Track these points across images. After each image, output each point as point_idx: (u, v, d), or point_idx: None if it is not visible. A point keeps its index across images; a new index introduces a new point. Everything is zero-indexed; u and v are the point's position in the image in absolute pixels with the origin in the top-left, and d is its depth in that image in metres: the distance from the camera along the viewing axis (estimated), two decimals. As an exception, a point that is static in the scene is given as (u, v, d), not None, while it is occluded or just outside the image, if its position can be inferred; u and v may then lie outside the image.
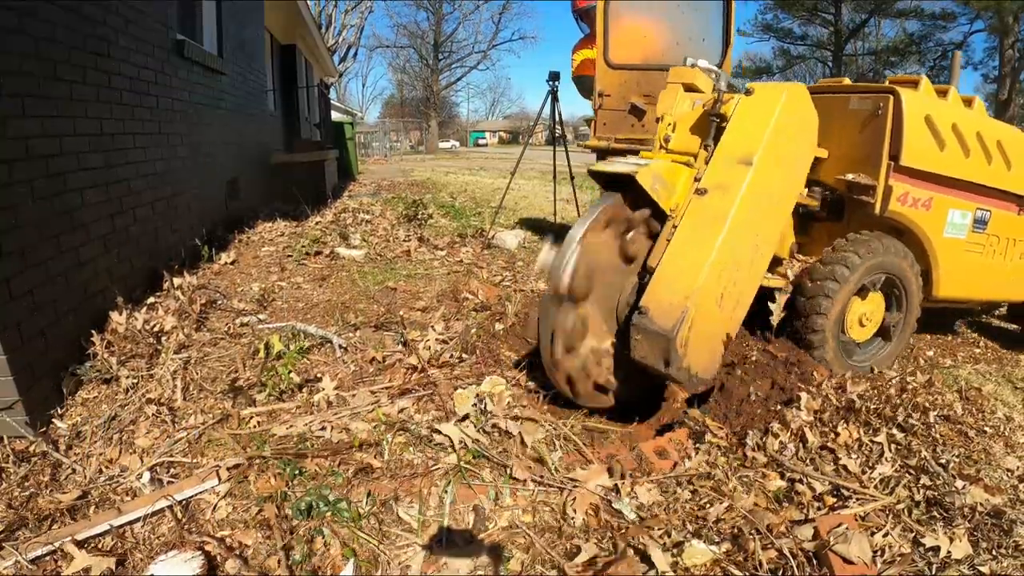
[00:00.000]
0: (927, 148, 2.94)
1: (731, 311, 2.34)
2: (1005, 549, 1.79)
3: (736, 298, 2.33)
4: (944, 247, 3.18)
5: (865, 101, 2.97)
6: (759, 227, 2.35)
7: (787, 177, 2.49)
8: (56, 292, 2.53)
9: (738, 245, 2.29)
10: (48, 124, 2.55)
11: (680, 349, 2.15)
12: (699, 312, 2.19)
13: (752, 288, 2.45)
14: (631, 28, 3.37)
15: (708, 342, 2.28)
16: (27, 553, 1.72)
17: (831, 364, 2.90)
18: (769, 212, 2.40)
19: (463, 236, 6.26)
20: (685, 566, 1.71)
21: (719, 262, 2.20)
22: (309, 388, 2.61)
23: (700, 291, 2.17)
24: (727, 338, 2.40)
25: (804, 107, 2.56)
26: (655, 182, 2.39)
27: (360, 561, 1.75)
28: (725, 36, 3.14)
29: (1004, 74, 23.75)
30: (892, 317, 3.14)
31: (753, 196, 2.30)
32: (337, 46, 28.36)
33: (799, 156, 2.57)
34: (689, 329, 2.16)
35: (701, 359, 2.25)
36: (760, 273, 2.49)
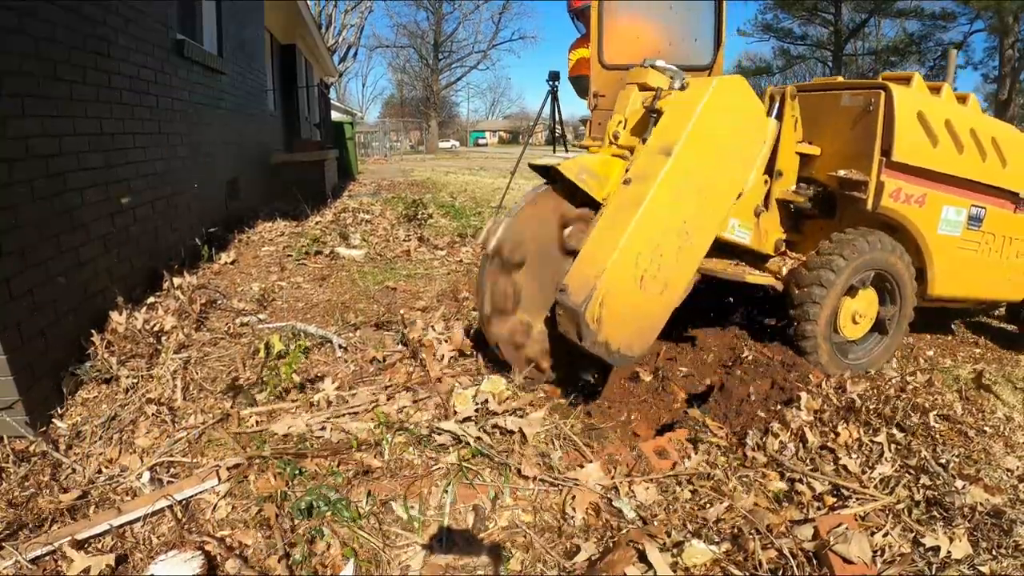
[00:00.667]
0: (920, 144, 2.94)
1: (658, 294, 2.40)
2: (1005, 549, 1.79)
3: (664, 282, 2.39)
4: (938, 244, 3.17)
5: (857, 97, 2.98)
6: (684, 214, 2.39)
7: (719, 167, 2.49)
8: (56, 292, 2.53)
9: (657, 231, 2.34)
10: (48, 124, 2.55)
11: (592, 324, 2.23)
12: (612, 291, 2.26)
13: (684, 274, 2.50)
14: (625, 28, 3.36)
15: (631, 321, 2.34)
16: (27, 553, 1.72)
17: (826, 367, 2.90)
18: (697, 200, 2.43)
19: (463, 236, 6.26)
20: (685, 566, 1.71)
21: (632, 245, 2.27)
22: (309, 388, 2.61)
23: (611, 271, 2.24)
24: (658, 320, 2.47)
25: (737, 97, 2.54)
26: (581, 172, 2.49)
27: (360, 561, 1.75)
28: (716, 36, 3.14)
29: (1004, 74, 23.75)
30: (886, 311, 3.13)
31: (672, 184, 2.34)
32: (337, 46, 28.36)
33: (735, 146, 2.56)
34: (600, 306, 2.23)
35: (622, 336, 2.32)
36: (694, 259, 2.53)
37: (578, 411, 2.74)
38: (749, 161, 2.69)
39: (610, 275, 2.24)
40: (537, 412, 2.42)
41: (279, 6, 9.41)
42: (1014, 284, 3.63)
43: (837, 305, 2.92)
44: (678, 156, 2.34)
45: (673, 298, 2.48)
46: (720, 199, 2.55)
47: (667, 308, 2.48)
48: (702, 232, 2.49)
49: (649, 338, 2.46)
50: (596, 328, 2.24)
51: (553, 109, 6.09)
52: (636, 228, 2.27)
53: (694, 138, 2.39)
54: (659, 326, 2.49)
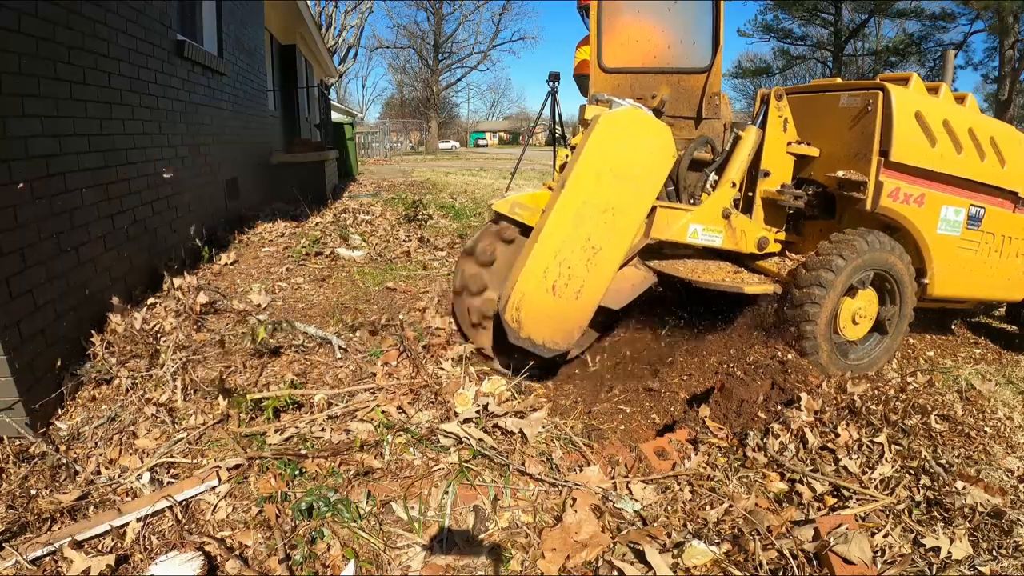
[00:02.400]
0: (918, 144, 2.95)
1: (573, 298, 2.81)
2: (1005, 549, 1.79)
3: (577, 289, 2.81)
4: (938, 244, 3.17)
5: (855, 98, 3.00)
6: (586, 232, 2.76)
7: (618, 189, 2.78)
8: (56, 292, 2.53)
9: (560, 248, 2.74)
10: (48, 124, 2.54)
11: (512, 324, 2.75)
12: (525, 298, 2.74)
13: (598, 280, 2.86)
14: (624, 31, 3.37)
15: (549, 322, 2.80)
16: (27, 554, 1.72)
17: (827, 368, 2.90)
18: (601, 219, 2.77)
19: (463, 237, 6.25)
20: (685, 566, 1.71)
21: (537, 263, 2.72)
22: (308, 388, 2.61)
23: (520, 283, 2.72)
24: (578, 319, 2.88)
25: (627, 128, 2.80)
26: (514, 207, 3.05)
27: (361, 562, 1.75)
28: (715, 38, 3.15)
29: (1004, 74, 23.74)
30: (886, 311, 3.13)
31: (567, 210, 2.73)
32: (337, 46, 28.36)
33: (634, 169, 2.80)
34: (516, 310, 2.74)
35: (543, 333, 2.81)
36: (607, 268, 2.87)
37: (578, 412, 2.74)
38: (654, 180, 2.89)
39: (520, 286, 2.72)
40: (538, 413, 2.42)
41: (279, 6, 9.41)
42: (1014, 284, 3.63)
43: (837, 306, 2.92)
44: (568, 187, 2.72)
45: (590, 301, 2.87)
46: (627, 216, 2.84)
47: (585, 310, 2.89)
48: (611, 245, 2.83)
49: (572, 334, 2.89)
50: (517, 327, 2.76)
51: (553, 110, 6.09)
52: (539, 249, 2.72)
53: (584, 169, 2.73)
54: (581, 324, 2.91)
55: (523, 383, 2.85)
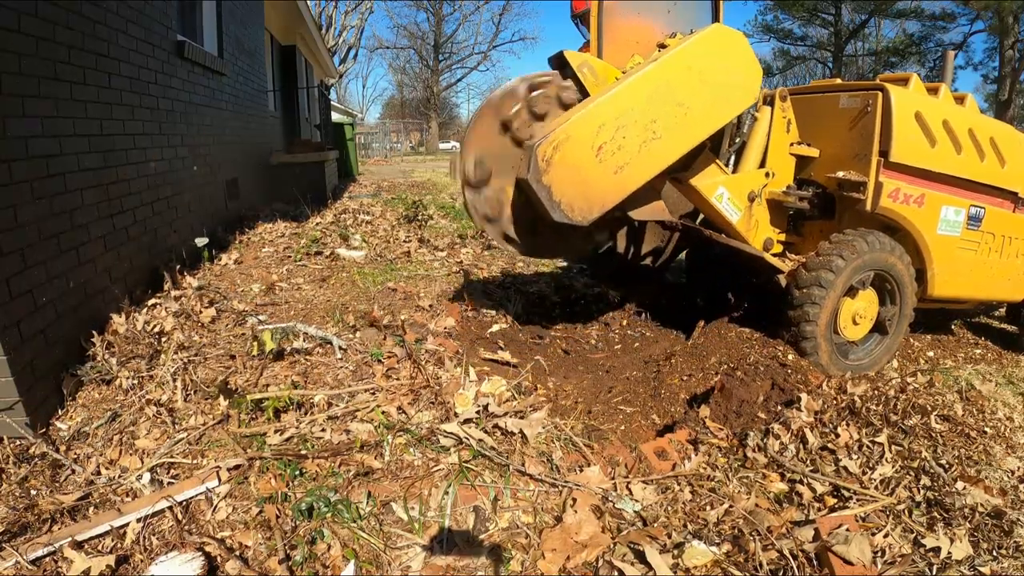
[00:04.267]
0: (917, 144, 2.96)
1: (612, 172, 2.58)
2: (1005, 550, 1.79)
3: (620, 164, 2.58)
4: (938, 244, 3.18)
5: (854, 99, 3.01)
6: (655, 115, 2.59)
7: (699, 93, 2.67)
8: (56, 292, 2.53)
9: (625, 113, 2.54)
10: (48, 124, 2.54)
11: (541, 162, 2.46)
12: (568, 142, 2.47)
13: (643, 167, 2.65)
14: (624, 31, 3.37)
15: (579, 182, 2.55)
16: (28, 554, 1.72)
17: (827, 368, 2.91)
18: (673, 111, 2.63)
19: (463, 237, 6.25)
20: (685, 567, 1.71)
21: (598, 114, 2.50)
22: (309, 388, 2.61)
23: (573, 124, 2.47)
24: (606, 196, 2.63)
25: (731, 44, 2.75)
26: (583, 65, 2.77)
27: (361, 562, 1.75)
28: None
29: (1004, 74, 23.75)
30: (887, 311, 3.14)
31: (649, 83, 2.57)
32: (337, 47, 28.36)
33: (719, 83, 2.72)
34: (553, 149, 2.46)
35: (566, 190, 2.53)
36: (656, 162, 2.67)
37: (578, 412, 2.74)
38: (730, 105, 2.81)
39: (570, 127, 2.46)
40: (538, 413, 2.42)
41: (279, 7, 9.41)
42: (1014, 284, 3.63)
43: (837, 306, 2.92)
44: (662, 63, 2.59)
45: (626, 184, 2.64)
46: (694, 122, 2.70)
47: (617, 190, 2.64)
48: (671, 140, 2.66)
49: (592, 209, 2.61)
50: (544, 167, 2.46)
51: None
52: (605, 102, 2.51)
53: (680, 58, 2.62)
54: (605, 204, 2.64)
55: (523, 383, 2.85)
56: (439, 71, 41.14)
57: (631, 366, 3.46)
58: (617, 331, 4.02)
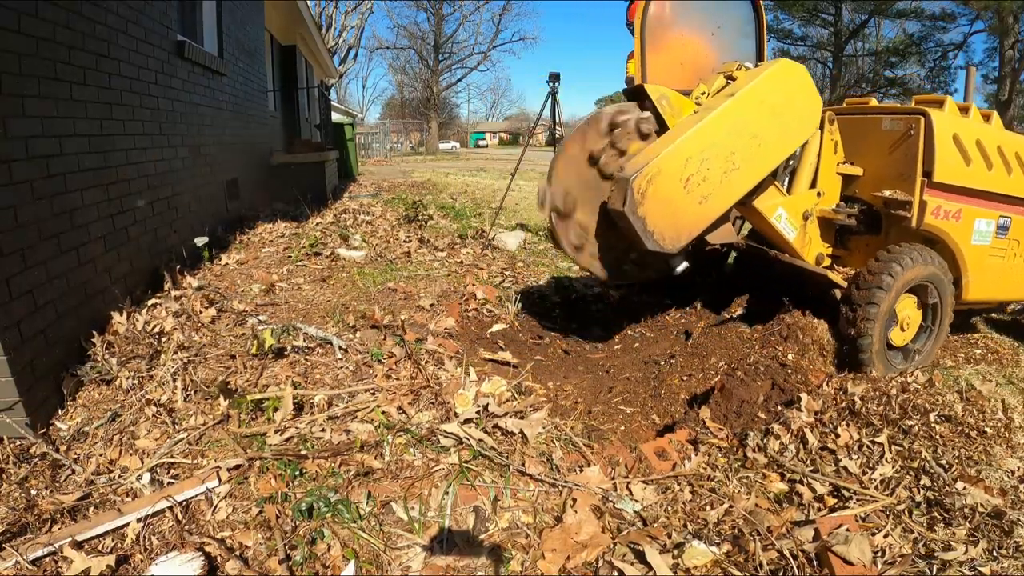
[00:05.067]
0: (955, 164, 3.15)
1: (697, 202, 2.72)
2: (1006, 550, 1.79)
3: (704, 193, 2.72)
4: (972, 254, 3.39)
5: (897, 122, 3.20)
6: (734, 147, 2.74)
7: (770, 125, 2.83)
8: (56, 292, 2.53)
9: (709, 147, 2.68)
10: (48, 124, 2.54)
11: (636, 195, 2.57)
12: (660, 175, 2.60)
13: (724, 196, 2.80)
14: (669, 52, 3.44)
15: (669, 212, 2.67)
16: (28, 554, 1.72)
17: (877, 368, 3.08)
18: (748, 143, 2.78)
19: (463, 237, 6.26)
20: (685, 567, 1.71)
21: (686, 148, 2.63)
22: (309, 388, 2.61)
23: (664, 158, 2.59)
24: (693, 224, 2.78)
25: (796, 78, 2.93)
26: (662, 98, 2.90)
27: (361, 562, 1.75)
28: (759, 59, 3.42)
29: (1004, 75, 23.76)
30: (929, 319, 3.36)
31: (729, 118, 2.72)
32: (337, 47, 28.37)
33: (787, 115, 2.89)
34: (648, 182, 2.57)
35: (658, 221, 2.66)
36: (734, 191, 2.83)
37: (578, 412, 2.74)
38: (796, 134, 2.99)
39: (662, 161, 2.58)
40: (538, 413, 2.42)
41: (279, 7, 9.41)
42: None
43: (889, 314, 3.12)
44: (739, 98, 2.74)
45: (710, 213, 2.78)
46: (767, 152, 2.86)
47: (702, 219, 2.79)
48: (747, 170, 2.81)
49: (680, 237, 2.75)
50: (639, 199, 2.57)
51: (553, 110, 6.08)
52: (692, 136, 2.64)
53: (754, 92, 2.78)
54: (692, 232, 2.78)
55: (523, 384, 2.85)
56: (439, 71, 41.16)
57: (631, 366, 3.46)
58: (617, 331, 4.02)
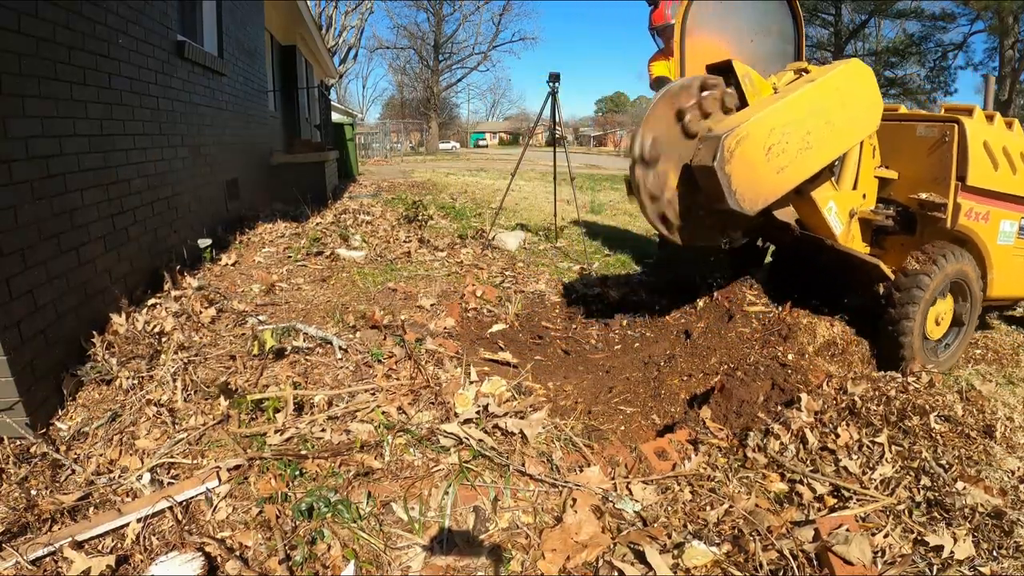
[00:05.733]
0: (986, 169, 3.36)
1: (775, 171, 2.84)
2: (1006, 550, 1.79)
3: (782, 164, 2.84)
4: (998, 253, 3.60)
5: (931, 129, 3.41)
6: (809, 127, 2.88)
7: (839, 114, 2.99)
8: (56, 292, 2.53)
9: (789, 122, 2.82)
10: (48, 124, 2.54)
11: (726, 152, 2.66)
12: (748, 138, 2.71)
13: (797, 171, 2.93)
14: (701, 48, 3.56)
15: (751, 175, 2.78)
16: (28, 554, 1.72)
17: (917, 360, 3.23)
18: (822, 126, 2.93)
19: (463, 237, 6.26)
20: (685, 567, 1.71)
21: (771, 118, 2.77)
22: (309, 389, 2.61)
23: (753, 123, 2.72)
24: (769, 191, 2.89)
25: (865, 77, 3.11)
26: (746, 75, 3.05)
27: (361, 562, 1.75)
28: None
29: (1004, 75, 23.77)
30: (960, 310, 3.56)
31: (808, 100, 2.88)
32: (337, 47, 28.37)
33: (853, 109, 3.05)
34: (736, 143, 2.68)
35: (741, 181, 2.74)
36: (805, 168, 2.95)
37: (578, 412, 2.74)
38: (862, 127, 3.15)
39: (751, 125, 2.72)
40: (538, 413, 2.42)
41: (279, 7, 9.41)
42: None
43: (926, 312, 3.29)
44: (818, 84, 2.93)
45: (785, 184, 2.93)
46: (837, 138, 3.03)
47: (777, 188, 2.92)
48: (818, 151, 2.96)
49: (757, 201, 2.87)
50: (728, 157, 2.67)
51: (553, 110, 6.08)
52: (778, 108, 2.80)
53: (830, 82, 2.96)
54: (768, 198, 2.91)
55: (523, 384, 2.85)
56: (439, 71, 41.16)
57: (631, 366, 3.46)
58: (617, 331, 4.02)
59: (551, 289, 4.73)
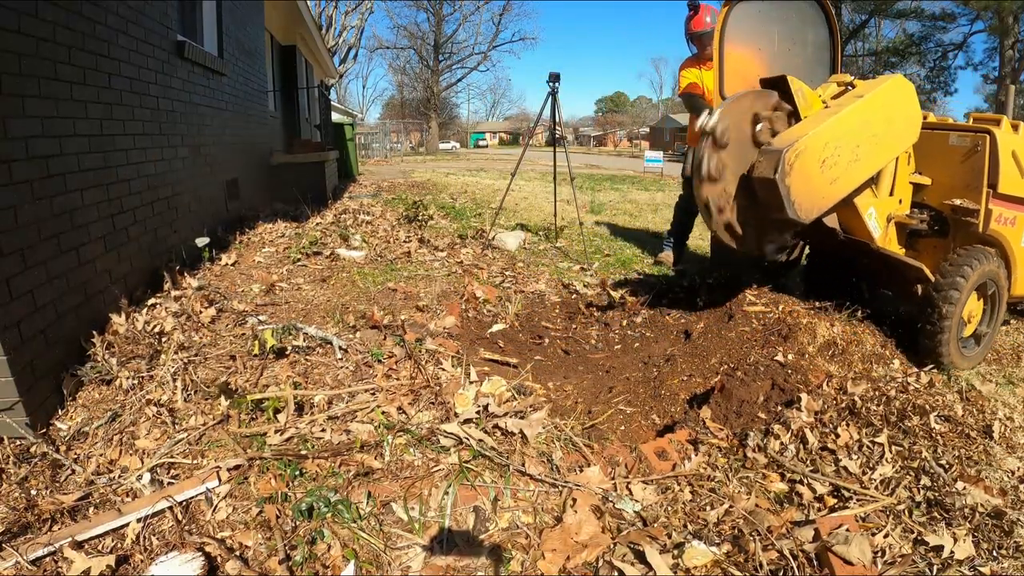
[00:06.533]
0: (1014, 177, 3.52)
1: (829, 182, 2.98)
2: (1006, 550, 1.79)
3: (834, 176, 2.99)
4: (1021, 254, 3.74)
5: (964, 138, 3.56)
6: (859, 140, 3.03)
7: (884, 128, 3.13)
8: (56, 292, 2.53)
9: (841, 136, 2.96)
10: (48, 124, 2.54)
11: (786, 165, 2.80)
12: (806, 151, 2.85)
13: (847, 181, 3.07)
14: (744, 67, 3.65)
15: (807, 186, 2.91)
16: (28, 554, 1.72)
17: (955, 361, 3.44)
18: (869, 140, 3.07)
19: (463, 237, 6.26)
20: (685, 567, 1.71)
21: (825, 132, 2.91)
22: (309, 389, 2.61)
23: (811, 137, 2.86)
24: (823, 201, 3.03)
25: (907, 93, 3.25)
26: (799, 90, 3.20)
27: (361, 562, 1.75)
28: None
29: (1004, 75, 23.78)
30: (989, 310, 3.72)
31: (858, 114, 3.02)
32: (337, 47, 28.37)
33: (896, 124, 3.20)
34: (796, 156, 2.82)
35: (798, 191, 2.88)
36: (854, 179, 3.10)
37: (578, 412, 2.74)
38: (904, 139, 3.29)
39: (809, 140, 2.86)
40: (538, 413, 2.42)
41: (279, 7, 9.41)
42: None
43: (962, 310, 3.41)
44: (867, 100, 3.06)
45: (836, 193, 3.06)
46: (882, 151, 3.18)
47: (829, 198, 3.05)
48: (866, 162, 3.11)
49: (812, 210, 3.00)
50: (788, 170, 2.82)
51: (553, 110, 6.08)
52: (832, 123, 2.94)
53: (877, 97, 3.10)
54: (821, 208, 3.05)
55: (523, 384, 2.85)
56: (439, 71, 41.17)
57: (631, 366, 3.46)
58: (617, 331, 4.02)
59: (551, 289, 4.73)
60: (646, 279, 5.12)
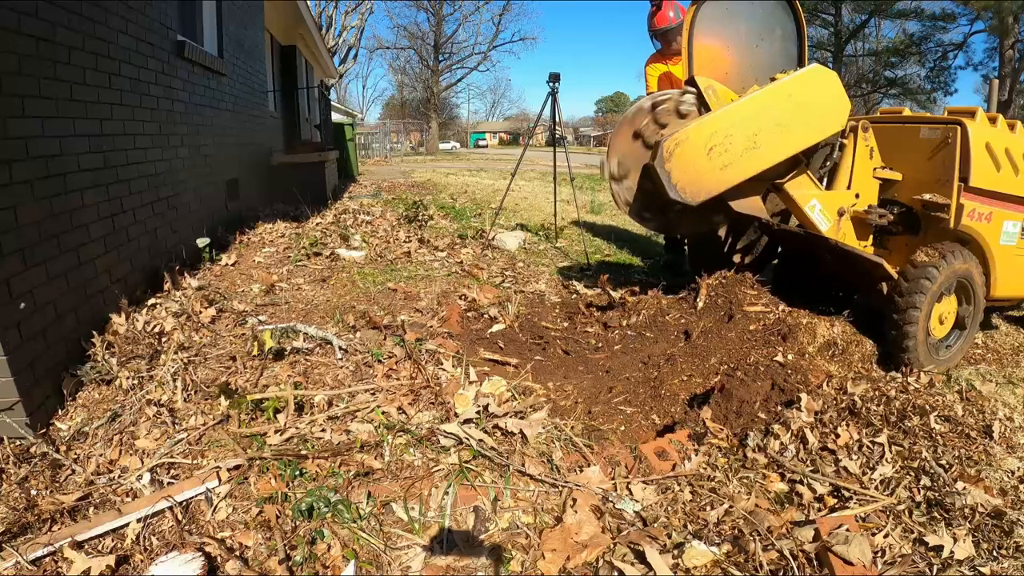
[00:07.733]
0: (988, 170, 3.41)
1: (719, 168, 3.18)
2: (1006, 550, 1.79)
3: (725, 163, 3.18)
4: (1000, 253, 3.63)
5: (935, 131, 3.48)
6: (756, 129, 3.17)
7: (795, 117, 3.22)
8: (56, 292, 2.53)
9: (732, 127, 3.13)
10: (48, 124, 2.54)
11: (665, 153, 3.11)
12: (687, 142, 3.11)
13: (740, 168, 3.21)
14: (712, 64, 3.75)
15: (692, 171, 3.17)
16: (28, 554, 1.72)
17: (924, 363, 3.27)
18: (772, 129, 3.19)
19: (463, 237, 6.26)
20: (685, 567, 1.71)
21: (710, 124, 3.13)
22: (309, 389, 2.61)
23: (691, 129, 3.11)
24: (712, 185, 3.23)
25: (825, 81, 3.27)
26: (708, 88, 3.41)
27: (361, 562, 1.75)
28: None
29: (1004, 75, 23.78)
30: (964, 311, 3.59)
31: (752, 106, 3.16)
32: (337, 47, 28.36)
33: (812, 111, 3.25)
34: (676, 145, 3.10)
35: (682, 177, 3.17)
36: (752, 165, 3.23)
37: (578, 412, 2.74)
38: (819, 130, 3.32)
39: (690, 131, 3.11)
40: (538, 413, 2.42)
41: (279, 7, 9.41)
42: None
43: (930, 310, 3.32)
44: (768, 90, 3.20)
45: (728, 179, 3.24)
46: (788, 139, 3.25)
47: (721, 182, 3.25)
48: (768, 151, 3.23)
49: (699, 193, 3.24)
50: (667, 157, 3.11)
51: (553, 110, 6.08)
52: (718, 115, 3.15)
53: (783, 88, 3.20)
54: (711, 191, 3.25)
55: (523, 384, 2.85)
56: (439, 71, 41.15)
57: (631, 366, 3.46)
58: (617, 331, 4.02)
59: (551, 289, 4.73)
60: (646, 279, 5.12)
